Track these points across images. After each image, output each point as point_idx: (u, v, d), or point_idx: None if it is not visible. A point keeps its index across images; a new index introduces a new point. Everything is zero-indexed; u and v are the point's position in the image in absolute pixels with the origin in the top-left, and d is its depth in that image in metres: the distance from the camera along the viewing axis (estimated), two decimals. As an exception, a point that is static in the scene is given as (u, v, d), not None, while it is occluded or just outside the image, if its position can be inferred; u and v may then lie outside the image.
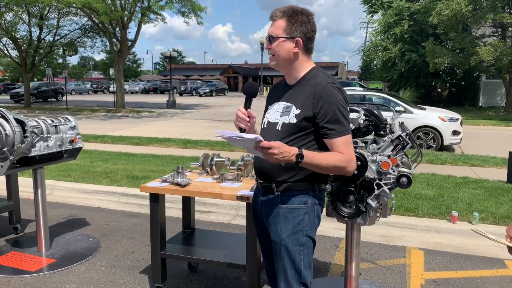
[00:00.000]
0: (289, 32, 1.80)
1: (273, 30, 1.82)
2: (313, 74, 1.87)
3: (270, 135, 1.85)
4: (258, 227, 2.09)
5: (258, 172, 1.97)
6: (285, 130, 1.82)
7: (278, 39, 1.82)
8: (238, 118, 1.85)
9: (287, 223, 1.85)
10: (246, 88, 1.90)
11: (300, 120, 1.79)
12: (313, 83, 1.82)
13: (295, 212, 1.85)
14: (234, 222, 4.67)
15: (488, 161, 7.83)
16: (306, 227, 1.86)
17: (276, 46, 1.83)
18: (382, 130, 2.36)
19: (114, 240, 4.11)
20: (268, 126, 1.91)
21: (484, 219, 4.38)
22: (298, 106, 1.81)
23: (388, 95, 11.08)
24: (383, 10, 24.66)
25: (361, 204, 2.29)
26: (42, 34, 24.07)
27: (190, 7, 20.89)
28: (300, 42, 1.82)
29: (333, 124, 1.76)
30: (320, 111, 1.76)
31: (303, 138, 1.81)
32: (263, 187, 1.93)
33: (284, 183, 1.85)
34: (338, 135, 1.76)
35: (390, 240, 4.13)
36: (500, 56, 16.95)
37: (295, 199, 1.85)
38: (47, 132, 3.54)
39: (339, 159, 1.76)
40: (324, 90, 1.77)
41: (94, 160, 7.75)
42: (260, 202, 1.98)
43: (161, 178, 2.93)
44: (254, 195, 2.09)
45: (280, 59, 1.85)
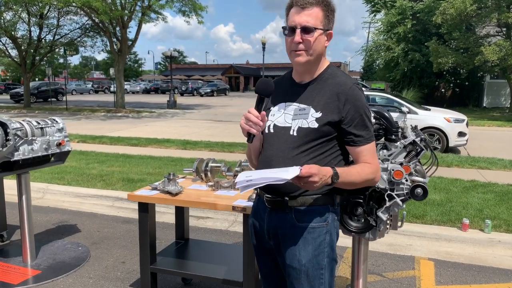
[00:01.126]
0: (326, 23, 1.57)
1: (310, 20, 1.53)
2: (332, 72, 1.64)
3: (282, 142, 1.61)
4: (259, 246, 1.78)
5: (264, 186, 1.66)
6: (303, 136, 1.57)
7: (317, 31, 1.54)
8: (249, 121, 1.54)
9: (306, 246, 1.59)
10: (260, 86, 1.61)
11: (322, 125, 1.55)
12: (334, 83, 1.59)
13: (315, 232, 1.60)
14: (232, 229, 4.44)
15: (495, 164, 7.59)
16: (327, 247, 1.61)
17: (314, 40, 1.55)
18: (394, 134, 2.12)
19: (104, 249, 3.89)
20: (276, 130, 1.64)
21: (497, 227, 4.14)
22: (319, 109, 1.57)
23: (392, 96, 10.83)
24: (386, 9, 24.38)
25: (370, 217, 2.06)
26: (42, 33, 23.87)
27: (191, 6, 20.67)
28: (331, 35, 1.60)
29: (360, 130, 1.56)
30: (347, 116, 1.55)
31: (324, 145, 1.58)
32: (272, 202, 1.64)
33: (300, 197, 1.59)
34: (366, 142, 1.57)
35: (397, 249, 3.89)
36: (505, 56, 16.67)
37: (314, 216, 1.60)
38: (32, 135, 3.31)
39: (369, 171, 1.57)
40: (350, 91, 1.56)
41: (90, 162, 7.53)
42: (268, 220, 1.68)
43: (151, 186, 2.70)
44: (254, 211, 1.78)
45: (314, 55, 1.58)
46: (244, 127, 1.56)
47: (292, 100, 1.65)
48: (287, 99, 1.66)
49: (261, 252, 1.79)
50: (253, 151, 1.74)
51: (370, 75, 44.55)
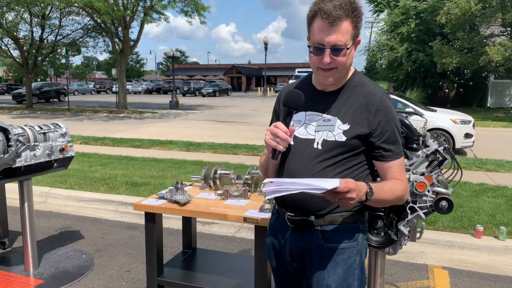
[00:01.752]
0: (355, 35, 1.41)
1: (341, 39, 1.36)
2: (359, 80, 1.51)
3: (304, 155, 1.47)
4: (280, 271, 1.64)
5: (286, 203, 1.51)
6: (329, 149, 1.44)
7: (348, 49, 1.39)
8: (277, 138, 1.40)
9: (336, 268, 1.47)
10: (289, 98, 1.45)
11: (350, 138, 1.43)
12: (363, 92, 1.46)
13: (345, 253, 1.47)
14: (239, 235, 4.33)
15: (503, 166, 7.48)
16: (357, 269, 1.50)
17: (344, 58, 1.39)
18: (415, 143, 2.01)
19: (109, 257, 3.79)
20: (297, 142, 1.50)
21: (511, 234, 4.03)
22: (346, 120, 1.44)
23: (397, 96, 10.71)
24: (389, 9, 24.23)
25: (390, 230, 1.95)
26: (44, 34, 23.83)
27: (193, 7, 20.59)
28: (359, 41, 1.45)
29: (390, 145, 1.45)
30: (378, 128, 1.43)
31: (351, 160, 1.45)
32: (295, 221, 1.50)
33: (328, 215, 1.46)
34: (395, 158, 1.46)
35: (410, 257, 3.78)
36: (509, 56, 16.52)
37: (344, 236, 1.47)
38: (34, 140, 3.22)
39: (400, 188, 1.45)
40: (381, 102, 1.44)
41: (93, 164, 7.44)
42: (291, 240, 1.53)
43: (157, 195, 2.60)
44: (273, 231, 1.62)
45: (344, 70, 1.44)
46: (270, 144, 1.42)
47: (314, 110, 1.50)
48: (308, 108, 1.51)
49: (282, 275, 1.65)
50: (272, 165, 1.59)
51: (372, 75, 44.36)
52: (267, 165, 1.62)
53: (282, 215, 1.56)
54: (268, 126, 1.50)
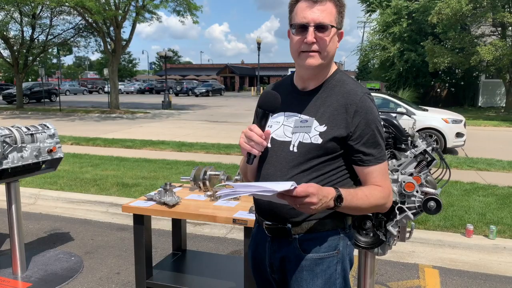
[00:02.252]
0: (339, 22, 1.36)
1: (325, 17, 1.31)
2: (340, 79, 1.42)
3: (280, 158, 1.40)
4: (262, 282, 1.56)
5: (263, 210, 1.44)
6: (305, 152, 1.36)
7: (332, 30, 1.33)
8: (251, 141, 1.33)
9: (315, 280, 1.39)
10: (265, 100, 1.37)
11: (327, 140, 1.34)
12: (343, 92, 1.38)
13: (324, 263, 1.39)
14: (230, 236, 4.32)
15: (494, 165, 7.54)
16: (339, 278, 1.41)
17: (328, 40, 1.33)
18: (404, 143, 2.01)
19: (98, 259, 3.75)
20: (274, 145, 1.42)
21: (501, 233, 4.05)
22: (323, 122, 1.35)
23: (389, 96, 10.76)
24: (381, 9, 24.33)
25: (379, 231, 1.95)
26: (34, 33, 23.58)
27: (186, 6, 20.49)
28: (342, 35, 1.41)
29: (370, 148, 1.35)
30: (356, 130, 1.34)
31: (328, 164, 1.37)
32: (272, 230, 1.43)
33: (304, 222, 1.38)
34: (376, 162, 1.36)
35: (401, 257, 3.79)
36: (500, 55, 16.68)
37: (322, 244, 1.38)
38: (21, 142, 3.17)
39: (379, 196, 1.35)
40: (361, 102, 1.35)
41: (84, 165, 7.37)
42: (270, 252, 1.46)
43: (146, 196, 2.58)
44: (254, 241, 1.55)
45: (328, 57, 1.36)
46: (245, 147, 1.34)
47: (292, 110, 1.42)
48: (287, 109, 1.43)
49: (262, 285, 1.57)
50: (250, 169, 1.53)
51: (365, 74, 44.55)
52: (246, 170, 1.56)
53: (261, 224, 1.49)
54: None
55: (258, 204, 1.48)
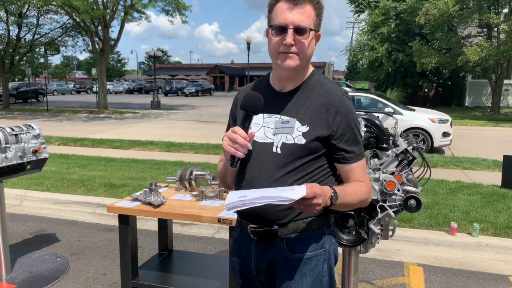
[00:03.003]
0: (317, 24, 1.38)
1: (304, 20, 1.33)
2: (317, 79, 1.45)
3: (263, 160, 1.39)
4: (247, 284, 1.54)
5: (247, 214, 1.42)
6: (289, 153, 1.37)
7: (311, 33, 1.35)
8: (235, 143, 1.32)
9: (303, 279, 1.40)
10: (248, 101, 1.36)
11: (310, 141, 1.36)
12: (322, 93, 1.41)
13: (312, 262, 1.40)
14: (218, 236, 4.32)
15: (479, 164, 7.66)
16: (326, 276, 1.43)
17: (306, 42, 1.35)
18: (385, 143, 2.04)
19: (85, 260, 3.73)
20: (255, 147, 1.41)
21: (485, 230, 4.13)
22: (305, 122, 1.37)
23: (377, 96, 10.86)
24: (369, 9, 24.53)
25: (362, 229, 1.98)
26: (21, 32, 23.27)
27: (175, 6, 20.42)
28: (319, 37, 1.43)
29: (352, 146, 1.39)
30: (338, 130, 1.38)
31: (312, 164, 1.39)
32: (258, 233, 1.42)
33: (291, 223, 1.38)
34: (357, 159, 1.40)
35: (386, 255, 3.84)
36: (486, 56, 16.94)
37: (309, 243, 1.40)
38: (5, 142, 3.14)
39: (364, 191, 1.40)
40: (341, 102, 1.39)
41: (71, 166, 7.30)
42: (256, 254, 1.46)
43: (132, 196, 2.57)
44: (237, 246, 1.53)
45: (305, 59, 1.38)
46: (229, 150, 1.33)
47: (272, 111, 1.42)
48: (265, 110, 1.42)
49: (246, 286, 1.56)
50: (230, 173, 1.49)
51: (354, 75, 44.88)
52: (225, 173, 1.52)
53: (245, 227, 1.48)
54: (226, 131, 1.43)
55: None
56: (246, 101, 1.37)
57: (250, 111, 1.35)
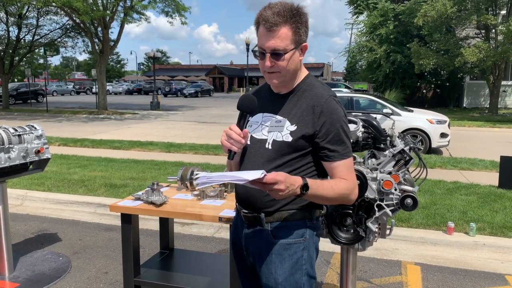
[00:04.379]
0: (297, 40, 1.47)
1: (279, 44, 1.43)
2: (309, 83, 1.58)
3: (257, 155, 1.56)
4: (240, 264, 1.74)
5: (241, 200, 1.62)
6: (277, 149, 1.52)
7: (288, 53, 1.46)
8: (231, 139, 1.48)
9: (283, 263, 1.53)
10: (243, 103, 1.53)
11: (297, 139, 1.49)
12: (311, 95, 1.53)
13: (291, 248, 1.54)
14: (218, 236, 4.37)
15: (477, 164, 7.72)
16: (306, 264, 1.55)
17: (285, 62, 1.47)
18: (383, 143, 2.09)
19: (86, 259, 3.77)
20: (252, 142, 1.59)
21: (481, 230, 4.18)
22: (294, 122, 1.51)
23: (375, 97, 10.92)
24: (368, 11, 24.62)
25: (359, 227, 2.03)
26: (21, 33, 23.30)
27: (174, 7, 20.49)
28: (306, 47, 1.52)
29: (335, 145, 1.49)
30: (322, 129, 1.48)
31: (299, 160, 1.52)
32: (248, 218, 1.59)
33: (276, 212, 1.53)
34: (341, 158, 1.49)
35: (384, 254, 3.89)
36: (484, 57, 17.01)
37: (291, 232, 1.54)
38: (8, 143, 3.18)
39: (344, 187, 1.49)
40: (326, 104, 1.50)
41: (72, 166, 7.35)
42: (245, 236, 1.63)
43: (134, 196, 2.62)
44: (234, 227, 1.74)
45: (289, 74, 1.52)
46: (225, 144, 1.49)
47: (269, 111, 1.59)
48: (265, 110, 1.60)
49: (243, 270, 1.74)
50: (234, 165, 1.68)
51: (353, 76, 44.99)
52: (230, 165, 1.71)
53: (240, 212, 1.65)
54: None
55: (238, 194, 1.64)
56: (242, 103, 1.54)
57: (245, 111, 1.52)
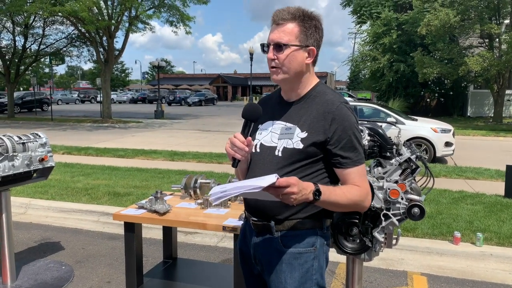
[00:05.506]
0: (303, 39, 1.49)
1: (282, 36, 1.47)
2: (320, 90, 1.57)
3: (266, 162, 1.54)
4: (247, 272, 1.72)
5: (251, 208, 1.60)
6: (288, 156, 1.50)
7: (290, 48, 1.47)
8: (235, 146, 1.48)
9: (293, 272, 1.51)
10: (247, 111, 1.53)
11: (307, 146, 1.48)
12: (322, 102, 1.52)
13: (302, 257, 1.52)
14: (221, 245, 4.33)
15: (482, 173, 7.66)
16: (316, 274, 1.53)
17: (286, 57, 1.48)
18: (389, 151, 2.07)
19: (89, 268, 3.74)
20: (262, 150, 1.58)
21: (488, 240, 4.12)
22: (304, 129, 1.50)
23: (379, 106, 10.90)
24: (371, 20, 24.71)
25: (366, 237, 1.99)
26: (27, 43, 23.54)
27: (179, 17, 20.66)
28: (313, 52, 1.52)
29: (348, 152, 1.48)
30: (334, 136, 1.47)
31: (310, 167, 1.50)
32: (258, 226, 1.57)
33: (286, 221, 1.51)
34: (353, 165, 1.48)
35: (390, 264, 3.84)
36: (488, 66, 16.99)
37: (301, 240, 1.52)
38: (13, 151, 3.18)
39: (357, 194, 1.47)
40: (337, 110, 1.48)
41: (75, 174, 7.35)
42: (254, 245, 1.61)
43: (137, 204, 2.60)
44: (241, 235, 1.72)
45: (291, 72, 1.51)
46: (229, 152, 1.50)
47: (279, 119, 1.58)
48: (274, 117, 1.60)
49: (250, 278, 1.73)
50: (241, 173, 1.67)
51: (356, 84, 45.05)
52: (238, 172, 1.70)
53: (249, 220, 1.63)
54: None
55: (247, 201, 1.62)
56: (246, 111, 1.53)
57: (249, 119, 1.52)
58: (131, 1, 18.08)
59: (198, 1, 20.15)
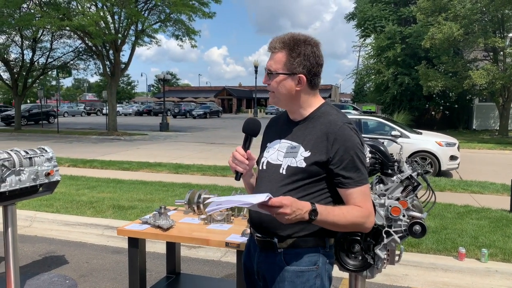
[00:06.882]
0: (290, 67, 1.53)
1: (272, 65, 1.56)
2: (324, 111, 1.60)
3: (271, 179, 1.59)
4: (250, 286, 1.75)
5: (255, 224, 1.63)
6: (291, 174, 1.54)
7: (278, 76, 1.55)
8: (236, 160, 1.59)
9: None
10: (247, 126, 1.64)
11: (310, 164, 1.51)
12: (325, 122, 1.56)
13: (304, 276, 1.53)
14: (225, 260, 4.33)
15: (488, 188, 7.60)
16: None
17: (275, 84, 1.57)
18: (390, 168, 2.09)
19: (93, 282, 3.75)
20: (268, 167, 1.62)
21: (493, 256, 4.09)
22: (308, 148, 1.54)
23: (384, 119, 10.91)
24: (375, 34, 24.88)
25: (368, 254, 2.00)
26: (34, 56, 23.90)
27: (184, 31, 20.94)
28: (303, 79, 1.54)
29: (350, 172, 1.49)
30: (335, 156, 1.50)
31: (312, 186, 1.53)
32: (261, 242, 1.60)
33: (289, 239, 1.54)
34: (356, 185, 1.50)
35: (394, 280, 3.81)
36: (492, 79, 16.99)
37: (303, 258, 1.54)
38: (19, 165, 3.23)
39: (358, 215, 1.48)
40: (340, 131, 1.51)
41: (80, 187, 7.39)
42: (257, 260, 1.64)
43: (141, 219, 2.63)
44: (246, 250, 1.75)
45: (281, 97, 1.59)
46: (231, 165, 1.60)
47: (286, 138, 1.63)
48: (281, 136, 1.65)
49: None
50: (248, 188, 1.74)
51: (361, 97, 45.10)
52: (247, 187, 1.78)
53: (253, 235, 1.67)
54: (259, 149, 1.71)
55: (251, 217, 1.66)
56: (246, 126, 1.65)
57: (249, 133, 1.64)
58: (138, 15, 18.39)
59: (203, 15, 20.42)
